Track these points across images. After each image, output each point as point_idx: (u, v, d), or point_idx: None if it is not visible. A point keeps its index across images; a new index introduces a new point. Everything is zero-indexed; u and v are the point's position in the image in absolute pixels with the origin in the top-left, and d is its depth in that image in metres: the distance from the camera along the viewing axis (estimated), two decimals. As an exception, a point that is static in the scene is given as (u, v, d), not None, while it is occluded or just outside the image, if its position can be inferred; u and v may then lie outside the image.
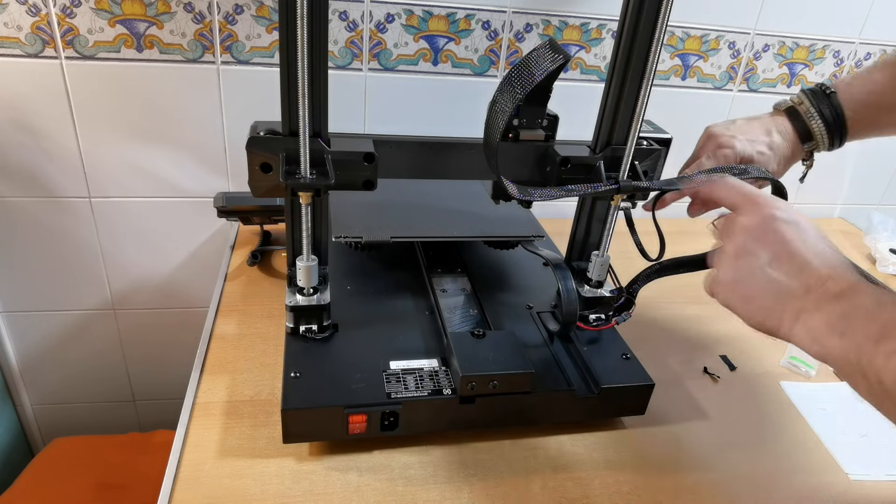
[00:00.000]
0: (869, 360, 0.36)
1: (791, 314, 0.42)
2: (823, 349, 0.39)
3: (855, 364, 0.37)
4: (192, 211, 1.00)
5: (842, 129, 0.65)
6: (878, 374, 0.36)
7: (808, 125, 0.66)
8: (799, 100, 0.67)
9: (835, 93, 0.65)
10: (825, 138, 0.66)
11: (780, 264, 0.43)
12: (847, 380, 0.39)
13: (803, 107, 0.66)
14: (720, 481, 0.59)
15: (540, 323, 0.70)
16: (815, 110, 0.65)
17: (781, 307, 0.42)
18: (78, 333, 1.09)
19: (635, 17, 0.57)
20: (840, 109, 0.65)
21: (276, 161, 0.56)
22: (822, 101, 0.65)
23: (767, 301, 0.43)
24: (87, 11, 0.82)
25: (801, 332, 0.41)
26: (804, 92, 0.67)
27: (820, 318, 0.40)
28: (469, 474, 0.57)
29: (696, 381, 0.73)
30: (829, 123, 0.65)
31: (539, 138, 0.62)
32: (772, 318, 0.43)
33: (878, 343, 0.36)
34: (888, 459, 0.64)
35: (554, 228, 0.84)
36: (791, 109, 0.67)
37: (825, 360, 0.40)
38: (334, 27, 0.89)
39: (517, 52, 0.97)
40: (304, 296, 0.62)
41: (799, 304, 0.41)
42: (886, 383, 0.35)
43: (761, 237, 0.44)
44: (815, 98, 0.66)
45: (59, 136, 0.90)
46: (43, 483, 0.91)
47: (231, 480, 0.54)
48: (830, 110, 0.65)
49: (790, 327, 0.42)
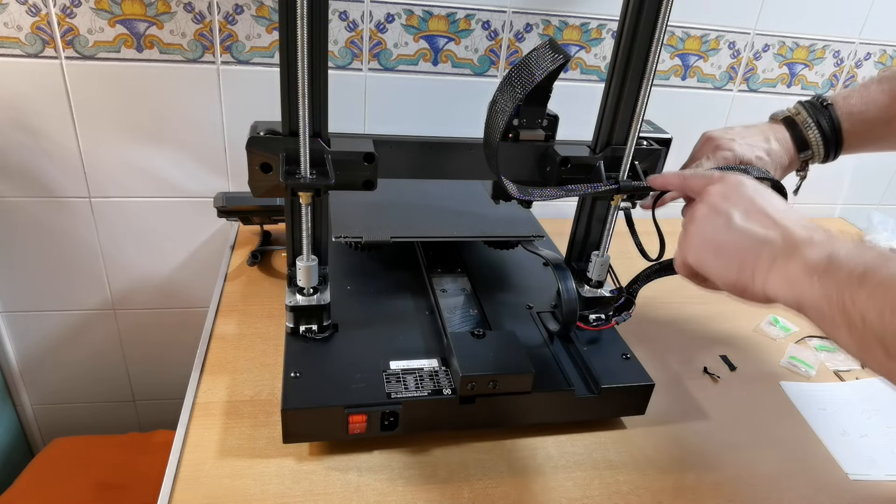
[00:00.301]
0: (852, 297, 0.36)
1: (766, 262, 0.41)
2: (800, 294, 0.39)
3: (836, 304, 0.36)
4: (192, 211, 1.00)
5: (838, 142, 0.66)
6: (862, 311, 0.35)
7: (806, 135, 0.66)
8: (796, 110, 0.67)
9: (832, 105, 0.66)
10: (821, 149, 0.66)
11: (753, 218, 0.44)
12: (824, 325, 0.38)
13: (800, 117, 0.67)
14: (720, 481, 0.59)
15: (540, 323, 0.70)
16: (812, 121, 0.65)
17: (756, 256, 0.42)
18: (78, 333, 1.09)
19: (635, 17, 0.57)
20: (837, 122, 0.65)
21: (276, 161, 0.56)
22: (820, 112, 0.66)
23: (742, 252, 0.43)
24: (87, 11, 0.82)
25: (776, 279, 0.41)
26: (801, 103, 0.68)
27: (797, 263, 0.39)
28: (469, 474, 0.57)
29: (696, 381, 0.73)
30: (827, 135, 0.65)
31: (539, 138, 0.62)
32: (745, 270, 0.43)
33: (861, 279, 0.35)
34: (888, 459, 0.64)
35: (554, 228, 0.84)
36: (788, 119, 0.68)
37: (801, 307, 0.39)
38: (334, 27, 0.89)
39: (517, 52, 0.97)
40: (304, 296, 0.62)
41: (775, 250, 0.41)
42: (870, 319, 0.35)
43: (731, 197, 0.45)
44: (813, 109, 0.66)
45: (59, 136, 0.90)
46: (43, 483, 0.91)
47: (231, 480, 0.54)
48: (828, 122, 0.65)
49: (765, 277, 0.41)
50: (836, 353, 0.80)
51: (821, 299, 0.38)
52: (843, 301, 0.36)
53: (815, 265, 0.38)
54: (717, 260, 0.45)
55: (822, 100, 0.66)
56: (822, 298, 0.37)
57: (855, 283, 0.36)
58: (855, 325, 0.35)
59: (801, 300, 0.39)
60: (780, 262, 0.41)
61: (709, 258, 0.46)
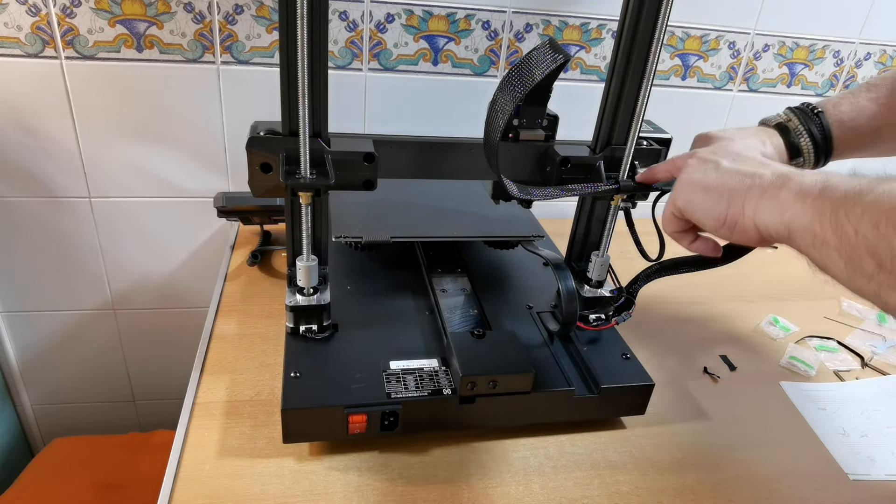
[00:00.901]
0: (846, 212, 0.36)
1: (758, 190, 0.42)
2: (791, 218, 0.40)
3: (829, 221, 0.37)
4: (192, 211, 1.00)
5: (828, 149, 0.66)
6: (856, 224, 0.36)
7: (797, 143, 0.66)
8: (787, 117, 0.67)
9: (822, 113, 0.66)
10: (812, 156, 0.66)
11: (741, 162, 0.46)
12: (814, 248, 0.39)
13: (792, 124, 0.66)
14: (720, 481, 0.59)
15: (540, 323, 0.70)
16: (804, 128, 0.65)
17: (747, 187, 0.43)
18: (78, 333, 1.09)
19: (635, 17, 0.57)
20: (828, 130, 0.65)
21: (276, 161, 0.56)
22: (810, 119, 0.66)
23: (731, 186, 0.44)
24: (87, 11, 0.82)
25: (767, 206, 0.41)
26: (791, 110, 0.67)
27: (790, 189, 0.40)
28: (469, 474, 0.57)
29: (696, 381, 0.73)
30: (817, 142, 0.65)
31: (539, 138, 0.62)
32: (735, 203, 0.44)
33: (858, 195, 0.36)
34: (888, 459, 0.64)
35: (554, 228, 0.84)
36: (780, 125, 0.67)
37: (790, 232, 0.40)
38: (334, 27, 0.89)
39: (517, 52, 0.97)
40: (304, 296, 0.62)
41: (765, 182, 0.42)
42: (864, 232, 0.35)
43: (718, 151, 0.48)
44: (804, 117, 0.66)
45: (59, 136, 0.90)
46: (43, 483, 0.91)
47: (231, 480, 0.54)
48: (819, 130, 0.65)
49: (755, 205, 0.42)
50: (837, 354, 0.80)
51: (813, 220, 0.38)
52: (837, 217, 0.37)
53: (808, 188, 0.39)
54: (707, 197, 0.46)
55: (812, 107, 0.66)
56: (815, 219, 0.38)
57: (851, 199, 0.36)
58: (847, 239, 0.36)
59: (792, 224, 0.40)
60: (772, 190, 0.42)
61: (697, 197, 0.47)
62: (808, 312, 0.89)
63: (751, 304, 0.89)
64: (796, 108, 0.67)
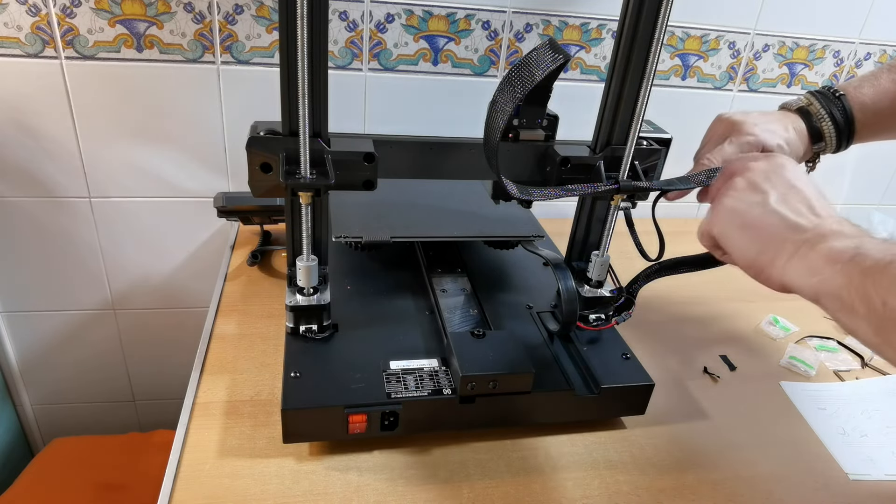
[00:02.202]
0: (875, 282, 0.36)
1: (791, 247, 0.42)
2: (820, 283, 0.39)
3: (857, 290, 0.37)
4: (192, 211, 1.00)
5: (850, 132, 0.65)
6: (884, 296, 0.35)
7: (819, 126, 0.65)
8: (808, 101, 0.66)
9: (844, 95, 0.65)
10: (834, 140, 0.65)
11: (788, 202, 0.44)
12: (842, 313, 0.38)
13: (813, 108, 0.65)
14: (720, 481, 0.59)
15: (540, 323, 0.70)
16: (825, 112, 0.64)
17: (782, 240, 0.42)
18: (78, 333, 1.09)
19: (635, 17, 0.57)
20: (850, 112, 0.64)
21: (276, 161, 0.56)
22: (832, 103, 0.65)
23: (768, 232, 0.43)
24: (87, 11, 0.82)
25: (797, 266, 0.41)
26: (812, 94, 0.66)
27: (821, 252, 0.40)
28: (469, 474, 0.57)
29: (696, 381, 0.73)
30: (840, 126, 0.64)
31: (539, 138, 0.62)
32: (767, 252, 0.43)
33: (888, 266, 0.36)
34: (888, 459, 0.64)
35: (554, 228, 0.84)
36: (802, 109, 0.66)
37: (818, 295, 0.40)
38: (334, 27, 0.89)
39: (517, 52, 0.97)
40: (304, 296, 0.62)
41: (802, 237, 0.41)
42: (891, 304, 0.35)
43: (771, 177, 0.46)
44: (826, 100, 0.65)
45: (59, 136, 0.90)
46: (43, 483, 0.91)
47: (231, 480, 0.54)
48: (841, 113, 0.64)
49: (786, 262, 0.42)
50: (837, 354, 0.80)
51: (841, 287, 0.38)
52: (864, 287, 0.36)
53: (839, 253, 0.39)
54: (742, 235, 0.45)
55: (833, 90, 0.65)
56: (843, 286, 0.38)
57: (879, 270, 0.36)
58: (875, 309, 0.36)
59: (820, 288, 0.39)
60: (805, 249, 0.41)
61: (734, 232, 0.46)
62: (808, 312, 0.88)
63: (751, 304, 0.89)
64: (817, 92, 0.66)
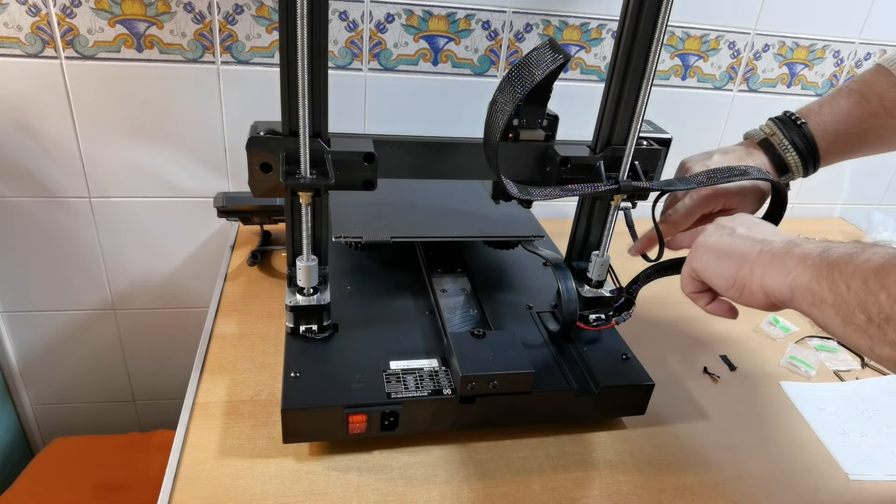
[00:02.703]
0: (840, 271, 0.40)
1: (767, 256, 0.46)
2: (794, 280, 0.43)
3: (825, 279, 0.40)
4: (192, 211, 1.00)
5: (815, 159, 0.66)
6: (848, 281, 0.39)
7: (784, 158, 0.65)
8: (770, 130, 0.67)
9: (805, 123, 0.65)
10: (800, 168, 0.66)
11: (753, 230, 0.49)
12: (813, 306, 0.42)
13: (776, 138, 0.66)
14: (720, 481, 0.59)
15: (540, 323, 0.70)
16: (788, 142, 0.65)
17: (757, 252, 0.46)
18: (78, 333, 1.09)
19: (635, 17, 0.57)
20: (812, 140, 0.65)
21: (276, 161, 0.56)
22: (793, 131, 0.65)
23: (741, 251, 0.48)
24: (87, 11, 0.82)
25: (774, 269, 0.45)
26: (773, 121, 0.67)
27: (794, 255, 0.44)
28: (469, 474, 0.57)
29: (696, 381, 0.73)
30: (803, 154, 0.65)
31: (539, 138, 0.62)
32: (744, 267, 0.47)
33: (851, 257, 0.40)
34: (888, 459, 0.64)
35: (554, 228, 0.84)
36: (765, 141, 0.67)
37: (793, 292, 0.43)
38: (334, 27, 0.89)
39: (517, 52, 0.97)
40: (304, 296, 0.62)
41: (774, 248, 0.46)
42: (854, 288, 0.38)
43: (736, 219, 0.52)
44: (786, 128, 0.65)
45: (59, 136, 0.90)
46: (43, 483, 0.91)
47: (231, 480, 0.54)
48: (803, 140, 0.65)
49: (763, 269, 0.45)
50: (837, 354, 0.80)
51: (811, 279, 0.42)
52: (832, 276, 0.40)
53: (810, 253, 0.43)
54: (720, 260, 0.49)
55: (794, 116, 0.66)
56: (813, 278, 0.41)
57: (844, 260, 0.40)
58: (841, 295, 0.39)
59: (794, 284, 0.43)
60: (779, 255, 0.45)
61: (711, 260, 0.50)
62: (808, 312, 0.88)
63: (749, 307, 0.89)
64: (777, 119, 0.67)
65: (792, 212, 0.64)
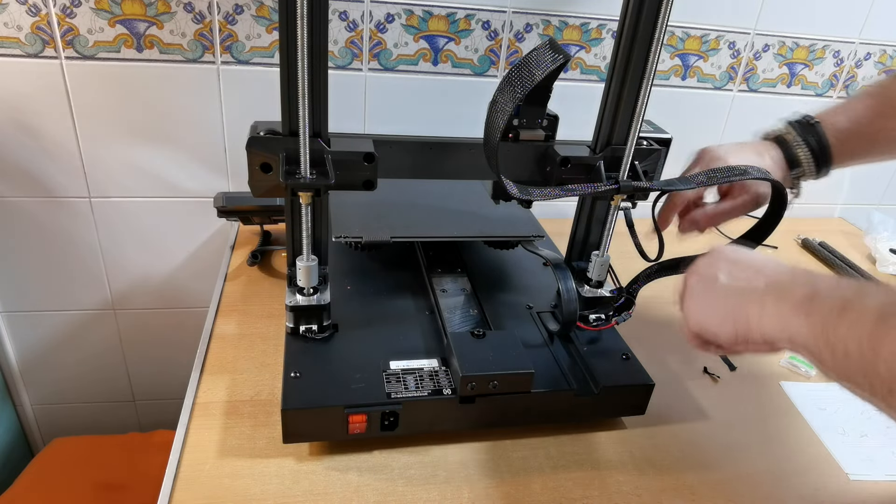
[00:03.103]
0: (833, 330, 0.37)
1: (757, 307, 0.43)
2: (792, 333, 0.40)
3: (821, 338, 0.38)
4: (192, 211, 1.00)
5: (827, 158, 0.67)
6: (844, 343, 0.36)
7: (795, 153, 0.67)
8: (786, 129, 0.69)
9: (819, 123, 0.67)
10: (812, 166, 0.67)
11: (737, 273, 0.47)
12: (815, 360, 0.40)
13: (790, 136, 0.68)
14: (720, 481, 0.59)
15: (540, 323, 0.70)
16: (801, 140, 0.67)
17: (747, 303, 0.44)
18: (78, 333, 1.09)
19: (635, 17, 0.57)
20: (825, 139, 0.67)
21: (276, 161, 0.56)
22: (807, 131, 0.67)
23: (731, 304, 0.45)
24: (87, 11, 0.82)
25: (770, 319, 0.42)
26: (790, 122, 0.69)
27: (787, 302, 0.41)
28: (469, 474, 0.57)
29: (696, 381, 0.73)
30: (815, 152, 0.67)
31: (539, 138, 0.62)
32: (741, 318, 0.45)
33: (841, 313, 0.37)
34: (888, 459, 0.64)
35: (554, 228, 0.84)
36: (779, 138, 0.69)
37: (794, 344, 0.41)
38: (334, 27, 0.89)
39: (517, 52, 0.97)
40: (304, 296, 0.62)
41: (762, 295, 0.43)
42: (851, 351, 0.36)
43: (714, 263, 0.49)
44: (801, 128, 0.68)
45: (59, 136, 0.90)
46: (43, 483, 0.91)
47: (231, 480, 0.54)
48: (816, 140, 0.67)
49: (759, 319, 0.43)
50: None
51: (808, 336, 0.39)
52: (826, 335, 0.38)
53: (801, 303, 0.40)
54: (715, 318, 0.47)
55: (809, 118, 0.68)
56: (810, 335, 0.39)
57: (835, 316, 0.37)
58: (838, 357, 0.37)
59: (794, 338, 0.41)
60: (771, 301, 0.42)
61: (707, 319, 0.48)
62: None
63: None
64: (794, 121, 0.69)
65: (792, 212, 0.64)
